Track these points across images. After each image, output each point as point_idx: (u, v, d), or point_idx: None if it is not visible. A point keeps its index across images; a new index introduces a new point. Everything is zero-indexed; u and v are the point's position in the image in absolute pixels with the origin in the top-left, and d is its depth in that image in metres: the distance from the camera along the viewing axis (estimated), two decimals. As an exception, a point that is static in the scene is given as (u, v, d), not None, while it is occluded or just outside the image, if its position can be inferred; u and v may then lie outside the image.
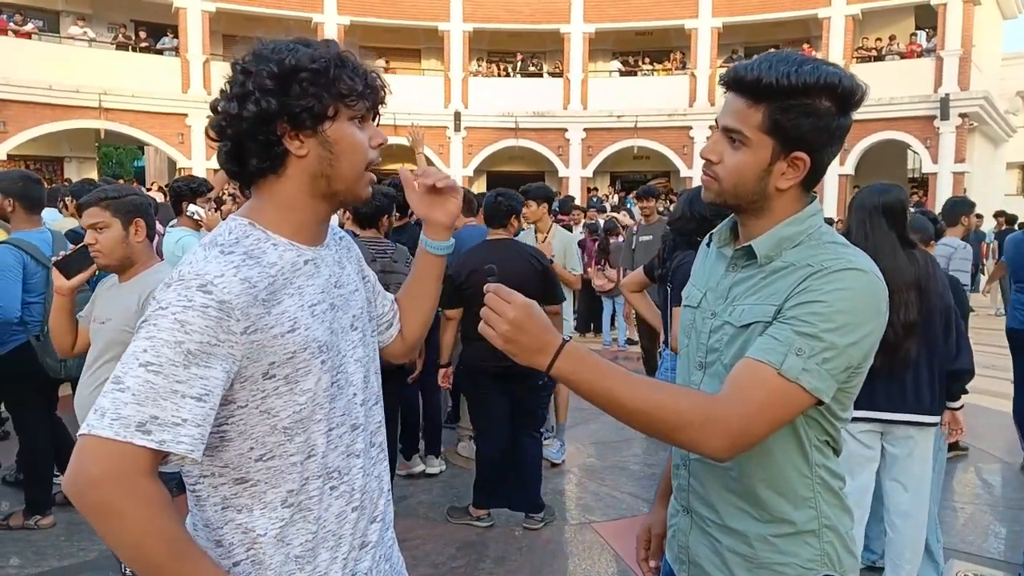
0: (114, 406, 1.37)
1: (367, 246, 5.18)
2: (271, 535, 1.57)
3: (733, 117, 1.74)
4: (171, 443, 1.38)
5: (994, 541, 5.50)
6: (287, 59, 1.56)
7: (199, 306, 1.42)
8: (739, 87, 1.73)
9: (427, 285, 2.13)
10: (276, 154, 1.60)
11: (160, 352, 1.39)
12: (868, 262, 1.71)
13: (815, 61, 1.70)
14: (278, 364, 1.53)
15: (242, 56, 1.61)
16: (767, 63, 1.69)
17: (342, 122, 1.62)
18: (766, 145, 1.72)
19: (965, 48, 24.63)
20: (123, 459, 1.36)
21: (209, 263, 1.48)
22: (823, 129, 1.70)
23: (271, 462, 1.56)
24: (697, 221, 4.39)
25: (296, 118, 1.57)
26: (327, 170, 1.63)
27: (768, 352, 1.62)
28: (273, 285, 1.54)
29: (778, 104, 1.68)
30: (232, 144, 1.61)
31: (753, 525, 1.80)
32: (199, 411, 1.41)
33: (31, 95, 22.77)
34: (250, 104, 1.55)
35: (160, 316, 1.42)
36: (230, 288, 1.45)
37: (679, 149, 28.08)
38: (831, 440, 1.80)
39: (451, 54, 29.00)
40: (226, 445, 1.54)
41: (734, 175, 1.76)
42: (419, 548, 5.16)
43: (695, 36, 28.38)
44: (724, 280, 1.88)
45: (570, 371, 1.59)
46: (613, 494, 6.29)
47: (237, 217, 1.64)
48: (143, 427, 1.36)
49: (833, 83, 1.67)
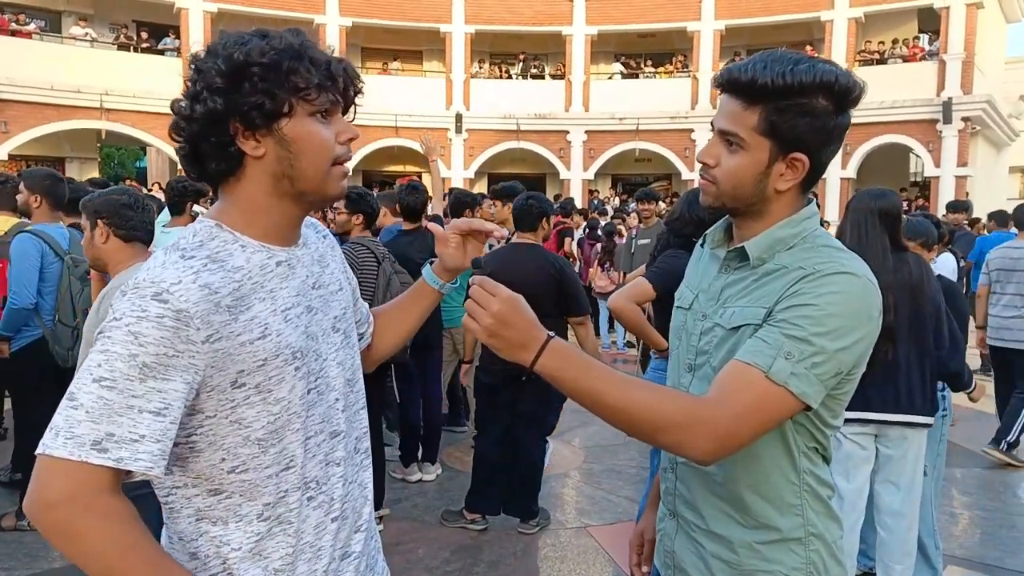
0: (67, 424, 1.32)
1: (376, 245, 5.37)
2: (246, 549, 1.52)
3: (729, 120, 1.71)
4: (129, 460, 1.33)
5: (992, 547, 5.46)
6: (235, 54, 1.47)
7: (154, 316, 1.35)
8: (734, 88, 1.70)
9: (413, 314, 2.06)
10: (231, 155, 1.51)
11: (114, 366, 1.33)
12: (862, 266, 1.68)
13: (810, 59, 1.67)
14: (247, 372, 1.46)
15: (198, 52, 1.53)
16: (761, 63, 1.66)
17: (301, 118, 1.51)
18: (763, 147, 1.69)
19: (968, 51, 24.60)
20: (80, 479, 1.31)
21: (167, 269, 1.40)
22: (821, 129, 1.67)
23: (245, 475, 1.50)
24: (695, 224, 4.35)
25: (247, 117, 1.47)
26: (288, 170, 1.53)
27: (756, 354, 1.59)
28: (240, 290, 1.46)
29: (774, 105, 1.65)
30: (189, 146, 1.53)
31: (738, 531, 1.77)
32: (158, 426, 1.35)
33: (33, 95, 22.75)
34: (199, 104, 1.48)
35: (114, 328, 1.36)
36: (187, 296, 1.37)
37: (681, 152, 28.04)
38: (820, 447, 1.77)
39: (453, 56, 28.99)
40: (196, 456, 1.48)
41: (732, 178, 1.73)
42: (413, 552, 5.13)
43: (697, 38, 28.36)
44: (716, 282, 1.86)
45: (554, 368, 1.56)
46: (609, 498, 6.26)
47: (204, 219, 1.56)
48: (99, 445, 1.31)
49: (829, 81, 1.64)
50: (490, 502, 5.53)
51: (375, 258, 5.21)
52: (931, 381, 4.05)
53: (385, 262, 5.26)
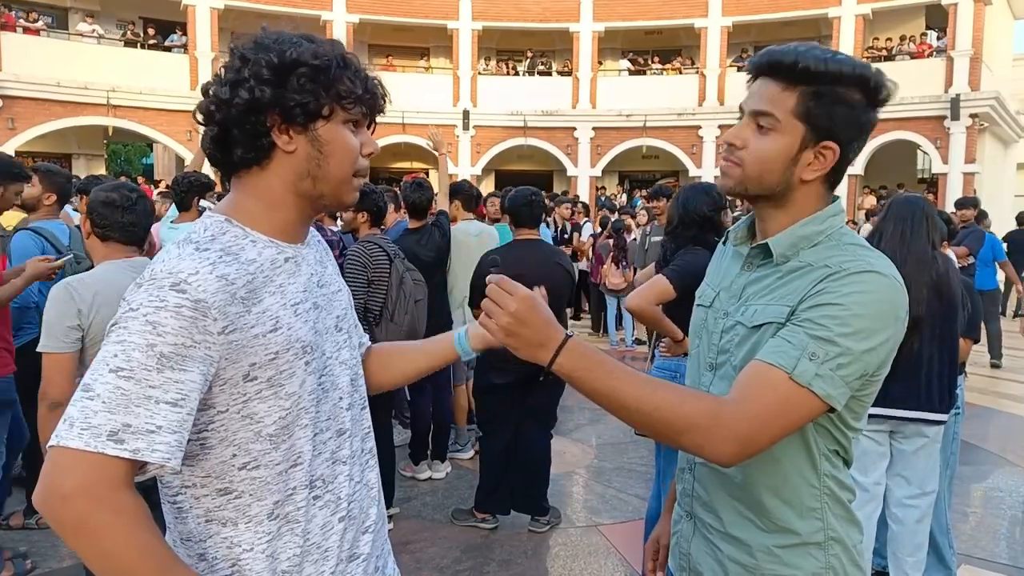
0: (83, 415, 1.30)
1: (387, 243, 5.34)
2: (258, 550, 1.51)
3: (765, 101, 1.69)
4: (146, 452, 1.31)
5: (1005, 546, 5.43)
6: (289, 51, 1.51)
7: (172, 306, 1.35)
8: (775, 71, 1.69)
9: (424, 364, 1.98)
10: (262, 146, 1.54)
11: (131, 356, 1.32)
12: (888, 265, 1.64)
13: (844, 54, 1.68)
14: (259, 366, 1.46)
15: (242, 43, 1.56)
16: (803, 48, 1.67)
17: (336, 124, 1.56)
18: (796, 131, 1.67)
19: (976, 48, 24.49)
20: (96, 471, 1.29)
21: (183, 260, 1.41)
22: (854, 121, 1.67)
23: (256, 472, 1.50)
24: (697, 224, 4.31)
25: (289, 112, 1.51)
26: (314, 170, 1.56)
27: (780, 355, 1.56)
28: (253, 283, 1.47)
29: (813, 89, 1.64)
30: (219, 130, 1.55)
31: (756, 534, 1.74)
32: (174, 417, 1.34)
33: (40, 92, 22.76)
34: (243, 91, 1.50)
35: (130, 318, 1.35)
36: (205, 286, 1.38)
37: (688, 149, 27.99)
38: (841, 450, 1.74)
39: (460, 52, 28.94)
40: (207, 453, 1.48)
41: (760, 161, 1.70)
42: (423, 551, 5.12)
43: (705, 35, 28.27)
44: (739, 279, 1.83)
45: (572, 368, 1.54)
46: (620, 496, 6.23)
47: (213, 214, 1.57)
48: (115, 436, 1.29)
49: (866, 75, 1.64)
50: (500, 501, 5.51)
51: (387, 256, 5.17)
52: (951, 377, 4.05)
53: (397, 260, 5.24)
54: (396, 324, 5.03)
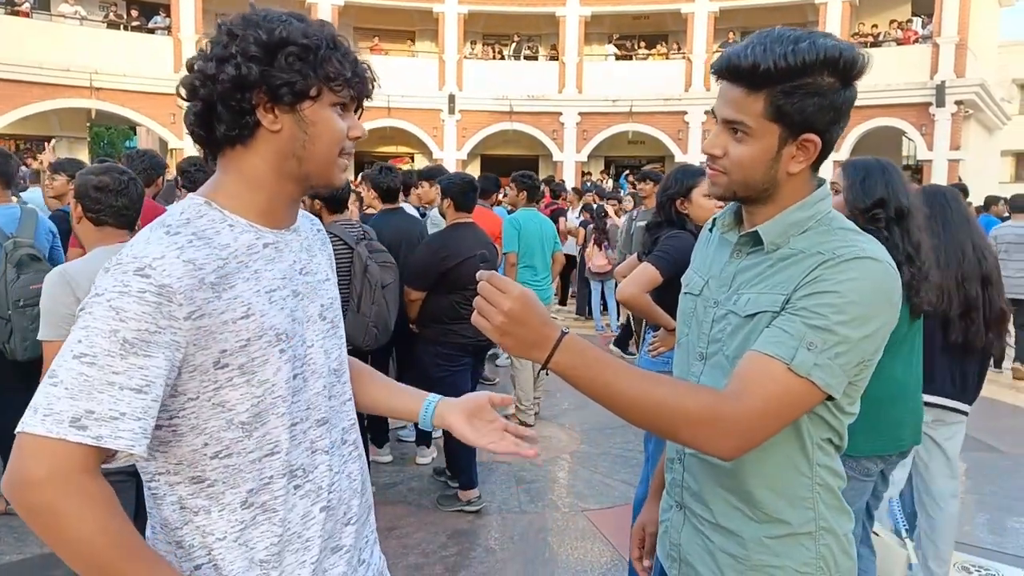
0: (47, 401, 1.29)
1: (347, 230, 5.08)
2: (230, 538, 1.49)
3: (732, 108, 1.65)
4: (109, 439, 1.29)
5: (991, 532, 5.47)
6: (278, 29, 1.49)
7: (135, 291, 1.33)
8: (735, 76, 1.63)
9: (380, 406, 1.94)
10: (246, 124, 1.51)
11: (94, 342, 1.31)
12: (881, 250, 1.62)
13: (810, 35, 1.60)
14: (230, 352, 1.44)
15: (230, 19, 1.53)
16: (760, 46, 1.59)
17: (323, 105, 1.54)
18: (772, 133, 1.63)
19: (961, 35, 24.55)
20: (60, 457, 1.27)
21: (150, 245, 1.39)
22: (829, 107, 1.61)
23: (228, 460, 1.48)
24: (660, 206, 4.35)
25: (276, 91, 1.49)
26: (299, 151, 1.54)
27: (777, 345, 1.54)
28: (224, 268, 1.44)
29: (780, 88, 1.58)
30: (202, 106, 1.52)
31: (747, 525, 1.73)
32: (139, 403, 1.32)
33: (21, 73, 22.46)
34: (229, 67, 1.47)
35: (95, 304, 1.34)
36: (171, 271, 1.35)
37: (674, 134, 27.99)
38: (835, 436, 1.73)
39: (446, 36, 28.80)
40: (178, 440, 1.46)
41: (742, 168, 1.67)
42: (410, 537, 5.12)
43: (691, 20, 28.25)
44: (728, 267, 1.80)
45: (569, 365, 1.52)
46: (606, 481, 6.25)
47: (194, 196, 1.55)
48: (77, 422, 1.28)
49: (834, 56, 1.57)
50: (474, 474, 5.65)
51: (346, 245, 4.99)
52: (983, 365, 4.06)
53: (359, 245, 5.06)
54: (363, 315, 4.91)
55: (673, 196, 4.34)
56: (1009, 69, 33.57)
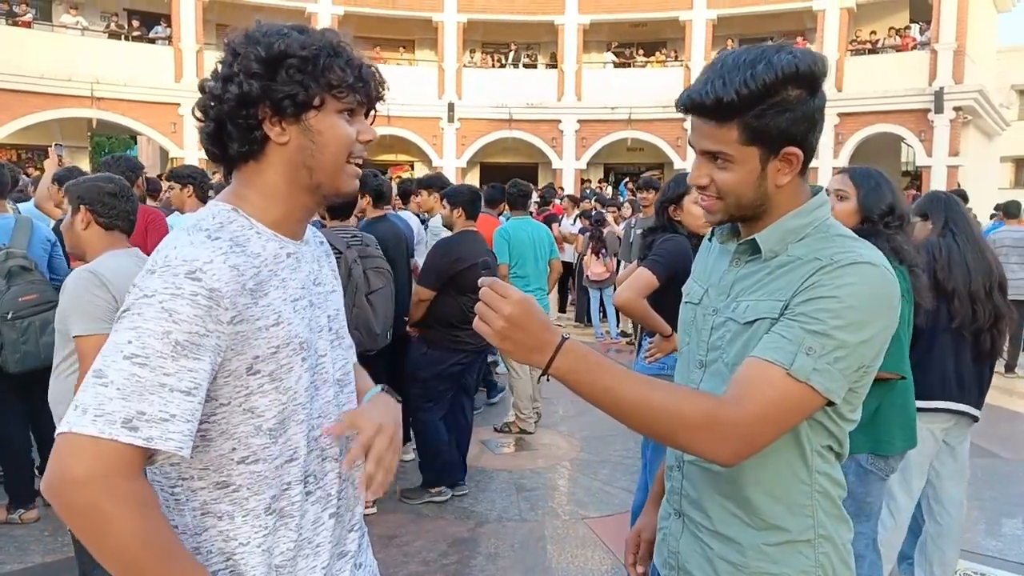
0: (97, 401, 1.30)
1: (339, 235, 5.08)
2: (255, 543, 1.51)
3: (708, 140, 1.66)
4: (159, 440, 1.31)
5: (993, 538, 5.46)
6: (276, 43, 1.51)
7: (188, 294, 1.35)
8: (701, 112, 1.65)
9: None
10: (255, 139, 1.54)
11: (146, 343, 1.32)
12: (879, 256, 1.63)
13: (764, 54, 1.60)
14: (262, 359, 1.47)
15: (235, 37, 1.56)
16: (719, 79, 1.60)
17: (329, 113, 1.56)
18: (752, 155, 1.64)
19: (959, 41, 24.57)
20: (108, 458, 1.29)
21: (197, 248, 1.41)
22: (802, 118, 1.62)
23: (254, 466, 1.50)
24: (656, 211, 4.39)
25: (278, 104, 1.52)
26: (308, 160, 1.57)
27: (776, 351, 1.55)
28: (259, 275, 1.48)
29: (750, 114, 1.60)
30: (215, 125, 1.55)
31: (746, 532, 1.73)
32: (188, 406, 1.34)
33: (23, 83, 22.53)
34: (233, 86, 1.51)
35: (146, 305, 1.35)
36: (220, 275, 1.39)
37: (673, 141, 28.02)
38: (835, 444, 1.73)
39: (445, 45, 28.88)
40: (207, 446, 1.48)
41: (732, 193, 1.69)
42: (410, 545, 5.12)
43: (689, 28, 28.30)
44: (727, 275, 1.81)
45: (569, 370, 1.53)
46: (606, 489, 6.25)
47: (219, 202, 1.58)
48: (129, 423, 1.29)
49: (791, 71, 1.58)
50: (449, 469, 5.88)
51: (335, 248, 4.99)
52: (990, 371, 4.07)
53: (348, 251, 5.07)
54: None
55: (666, 203, 4.42)
56: (1007, 75, 33.57)
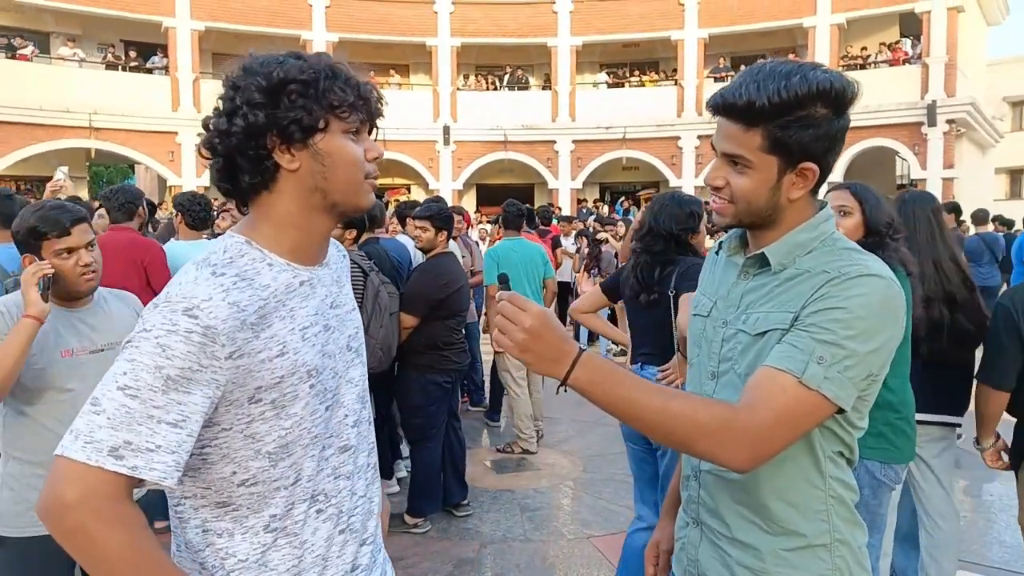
0: (88, 428, 1.36)
1: (362, 257, 5.34)
2: (252, 560, 1.56)
3: (731, 143, 1.72)
4: (143, 469, 1.36)
5: (999, 550, 5.47)
6: (275, 72, 1.53)
7: (183, 331, 1.39)
8: (730, 113, 1.70)
9: None
10: (267, 168, 1.56)
11: (139, 376, 1.38)
12: (884, 268, 1.69)
13: (801, 68, 1.66)
14: (265, 388, 1.50)
15: (232, 71, 1.58)
16: (754, 83, 1.65)
17: (335, 135, 1.58)
18: (771, 164, 1.70)
19: (950, 55, 24.75)
20: (96, 483, 1.35)
21: (199, 285, 1.45)
22: (824, 136, 1.68)
23: (254, 488, 1.54)
24: (664, 238, 4.24)
25: (285, 131, 1.54)
26: (321, 183, 1.59)
27: (788, 360, 1.60)
28: (264, 308, 1.51)
29: (776, 123, 1.65)
30: (224, 160, 1.58)
31: (763, 538, 1.77)
32: (174, 437, 1.39)
33: (21, 115, 22.73)
34: (238, 119, 1.53)
35: (143, 339, 1.40)
36: (217, 313, 1.42)
37: (668, 159, 28.13)
38: (846, 450, 1.78)
39: (439, 69, 29.03)
40: (208, 468, 1.52)
41: (745, 199, 1.74)
42: (416, 567, 5.14)
43: (681, 47, 28.45)
44: (736, 288, 1.86)
45: (588, 380, 1.57)
46: (610, 507, 6.26)
47: (234, 234, 1.60)
48: (115, 452, 1.35)
49: (826, 88, 1.64)
50: (436, 502, 5.90)
51: (361, 271, 5.23)
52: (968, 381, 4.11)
53: (372, 274, 5.33)
54: (371, 337, 5.08)
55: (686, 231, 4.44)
56: (999, 87, 33.73)
